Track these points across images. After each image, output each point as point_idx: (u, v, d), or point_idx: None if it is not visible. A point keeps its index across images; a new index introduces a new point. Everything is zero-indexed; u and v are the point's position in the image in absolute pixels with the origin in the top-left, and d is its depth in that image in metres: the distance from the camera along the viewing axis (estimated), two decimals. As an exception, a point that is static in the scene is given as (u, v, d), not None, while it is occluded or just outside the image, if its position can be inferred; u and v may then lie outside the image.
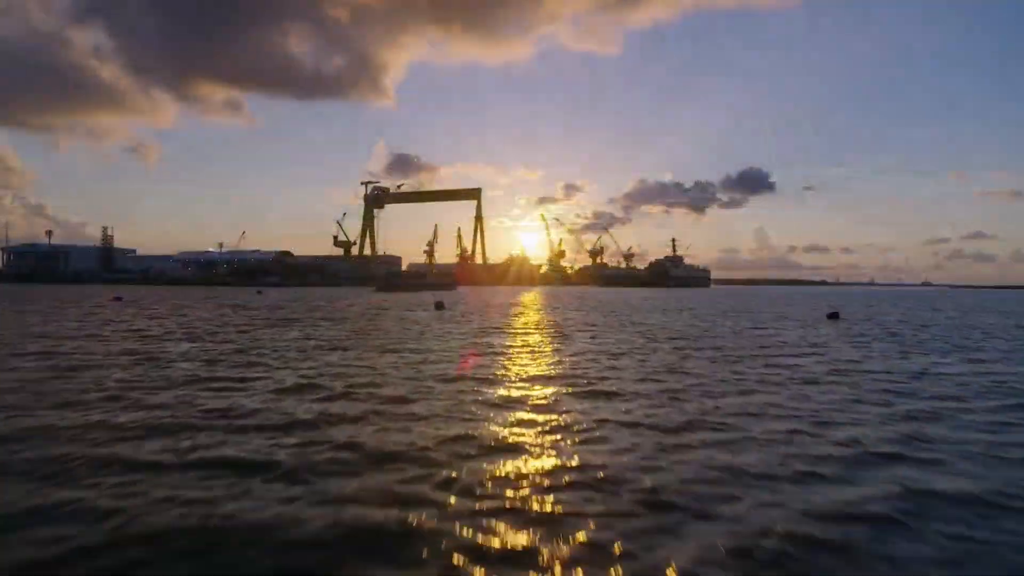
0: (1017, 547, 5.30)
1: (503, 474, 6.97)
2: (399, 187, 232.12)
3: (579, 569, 4.77)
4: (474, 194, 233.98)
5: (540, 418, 9.75)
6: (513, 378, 13.65)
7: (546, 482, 6.71)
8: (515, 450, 7.95)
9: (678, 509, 6.00)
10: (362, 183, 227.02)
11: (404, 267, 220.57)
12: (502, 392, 11.94)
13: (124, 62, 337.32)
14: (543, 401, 11.09)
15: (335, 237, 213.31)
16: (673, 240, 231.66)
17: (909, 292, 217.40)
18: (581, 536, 5.33)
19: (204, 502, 6.03)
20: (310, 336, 23.05)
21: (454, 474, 6.92)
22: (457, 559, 4.94)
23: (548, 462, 7.42)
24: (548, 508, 5.98)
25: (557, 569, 4.79)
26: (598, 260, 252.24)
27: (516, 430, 8.98)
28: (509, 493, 6.35)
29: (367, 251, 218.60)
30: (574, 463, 7.37)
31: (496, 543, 5.22)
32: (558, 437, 8.57)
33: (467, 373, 14.33)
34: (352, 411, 10.10)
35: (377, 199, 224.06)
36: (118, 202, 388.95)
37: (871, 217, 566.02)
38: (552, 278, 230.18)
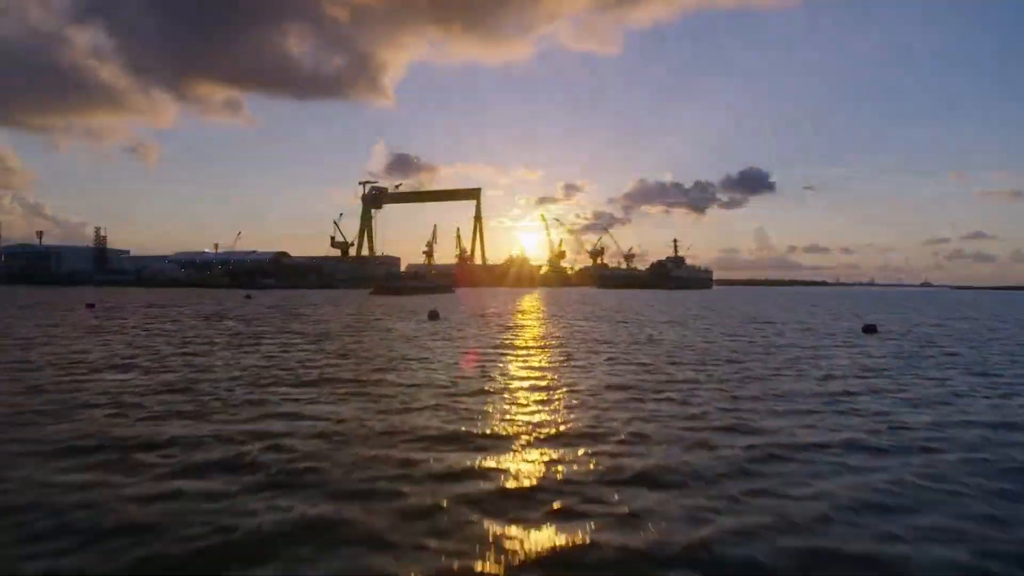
0: None
1: None
2: (397, 187, 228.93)
3: None
4: (473, 194, 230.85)
5: (559, 543, 6.14)
6: (517, 442, 10.02)
7: None
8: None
9: None
10: (360, 183, 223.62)
11: (403, 268, 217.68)
12: (501, 476, 8.31)
13: (124, 62, 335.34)
14: (560, 497, 7.44)
15: (332, 238, 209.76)
16: (675, 241, 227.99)
17: (911, 293, 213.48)
18: None
19: None
20: (274, 361, 19.39)
21: None
22: None
23: None
24: None
25: None
26: (599, 261, 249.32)
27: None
28: None
29: (365, 252, 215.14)
30: None
31: None
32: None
33: (454, 429, 10.71)
34: (270, 527, 6.46)
35: (375, 199, 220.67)
36: (118, 202, 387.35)
37: (871, 217, 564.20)
38: (552, 279, 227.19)
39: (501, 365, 19.03)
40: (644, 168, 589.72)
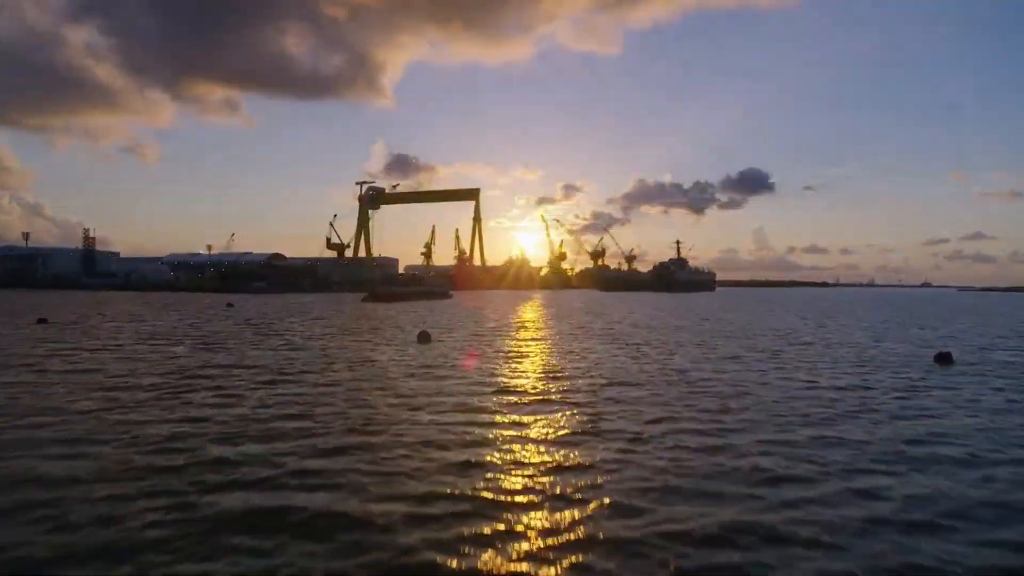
0: None
1: None
2: (395, 187, 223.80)
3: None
4: (472, 194, 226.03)
5: None
6: None
7: None
8: None
9: None
10: (357, 183, 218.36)
11: (401, 269, 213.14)
12: None
13: (121, 61, 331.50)
14: None
15: (328, 239, 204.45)
16: (678, 242, 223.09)
17: (913, 294, 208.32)
18: None
19: None
20: (191, 429, 14.15)
21: None
22: None
23: None
24: None
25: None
26: (599, 262, 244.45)
27: None
28: None
29: (362, 253, 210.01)
30: None
31: None
32: None
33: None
34: None
35: (373, 200, 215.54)
36: (116, 202, 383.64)
37: (871, 217, 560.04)
38: (553, 281, 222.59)
39: (501, 439, 13.75)
40: (643, 168, 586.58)
